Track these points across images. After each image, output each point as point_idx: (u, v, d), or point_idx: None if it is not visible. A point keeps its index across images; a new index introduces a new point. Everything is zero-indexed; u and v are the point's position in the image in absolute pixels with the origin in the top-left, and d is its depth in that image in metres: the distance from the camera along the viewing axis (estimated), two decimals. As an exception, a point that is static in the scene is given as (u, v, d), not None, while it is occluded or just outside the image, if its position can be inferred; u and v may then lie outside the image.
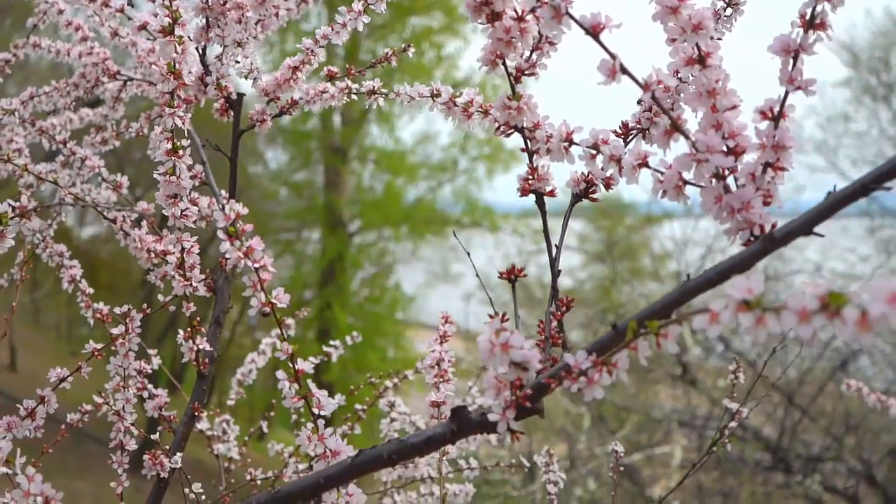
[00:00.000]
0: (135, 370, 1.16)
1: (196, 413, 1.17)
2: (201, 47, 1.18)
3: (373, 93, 1.19)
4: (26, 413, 1.08)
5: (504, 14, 0.76)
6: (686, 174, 0.73)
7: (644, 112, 0.86)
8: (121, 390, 1.15)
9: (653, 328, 0.61)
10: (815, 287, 0.47)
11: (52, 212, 1.41)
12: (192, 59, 1.05)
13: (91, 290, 1.29)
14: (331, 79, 1.24)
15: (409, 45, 1.25)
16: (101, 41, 1.45)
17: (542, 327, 0.83)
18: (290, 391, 0.82)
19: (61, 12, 1.43)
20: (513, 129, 0.85)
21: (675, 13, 0.71)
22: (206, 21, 1.15)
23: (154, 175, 1.02)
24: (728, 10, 0.92)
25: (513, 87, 0.83)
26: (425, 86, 1.05)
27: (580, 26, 0.69)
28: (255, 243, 0.78)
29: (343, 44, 1.17)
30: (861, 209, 8.67)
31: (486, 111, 0.94)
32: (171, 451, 1.15)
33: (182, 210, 1.04)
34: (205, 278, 1.14)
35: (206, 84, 1.18)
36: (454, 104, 0.96)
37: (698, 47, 0.71)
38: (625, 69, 0.70)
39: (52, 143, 1.43)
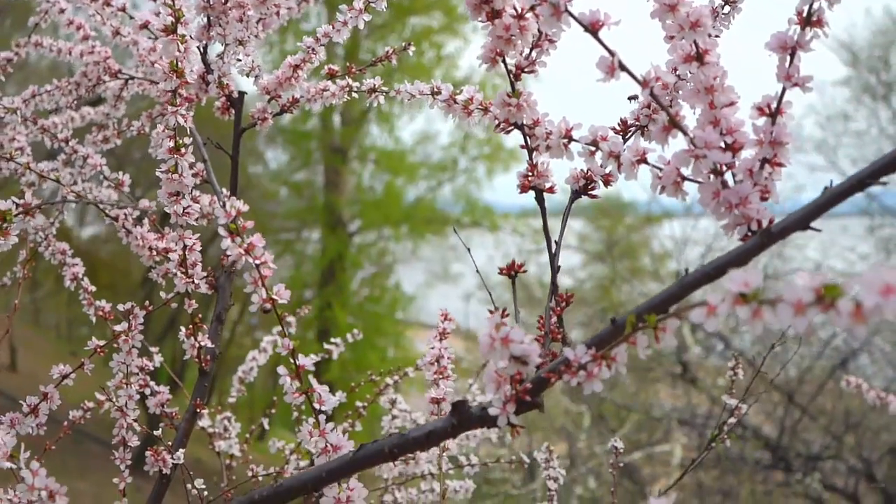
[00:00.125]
0: (137, 367, 1.17)
1: (198, 409, 1.18)
2: (203, 46, 1.18)
3: (373, 91, 1.20)
4: (29, 409, 1.09)
5: (504, 12, 0.76)
6: (684, 170, 0.73)
7: (643, 109, 0.86)
8: (123, 387, 1.16)
9: (651, 322, 0.61)
10: (811, 279, 0.48)
11: (54, 210, 1.42)
12: (194, 57, 1.05)
13: (93, 288, 1.30)
14: (331, 77, 1.24)
15: (410, 44, 1.25)
16: (103, 40, 1.46)
17: (541, 323, 0.84)
18: (291, 387, 0.83)
19: (63, 11, 1.44)
20: (512, 127, 0.86)
21: (673, 10, 0.71)
22: (208, 20, 1.16)
23: (156, 173, 1.03)
24: (726, 8, 0.92)
25: (512, 85, 0.84)
26: (425, 84, 1.05)
27: (579, 24, 0.70)
28: (256, 240, 0.79)
29: (343, 44, 1.18)
30: (861, 208, 8.68)
31: (486, 108, 0.94)
32: (173, 447, 1.15)
33: (184, 208, 1.05)
34: (206, 275, 1.14)
35: (208, 82, 1.18)
36: (454, 102, 0.96)
37: (696, 44, 0.72)
38: (623, 66, 0.70)
39: (54, 142, 1.44)
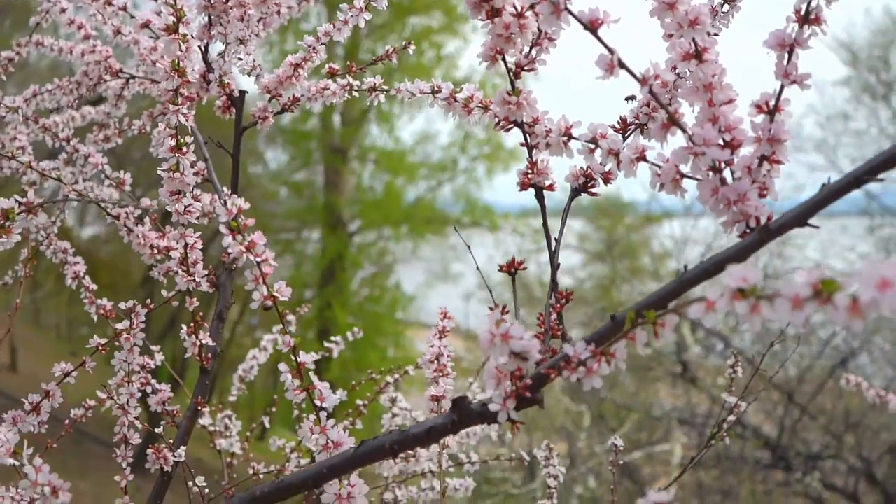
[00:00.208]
0: (138, 365, 1.17)
1: (199, 407, 1.18)
2: (204, 45, 1.19)
3: (374, 89, 1.21)
4: (31, 407, 1.09)
5: (504, 10, 0.77)
6: (683, 167, 0.74)
7: (642, 107, 0.87)
8: (125, 385, 1.16)
9: (650, 318, 0.62)
10: (808, 274, 0.48)
11: (55, 209, 1.43)
12: (195, 56, 1.06)
13: (94, 287, 1.31)
14: (332, 76, 1.25)
15: (410, 43, 1.26)
16: (104, 39, 1.46)
17: (541, 320, 0.84)
18: (292, 384, 0.83)
19: (64, 11, 1.44)
20: (512, 124, 0.86)
21: (672, 9, 0.72)
22: (209, 19, 1.16)
23: (158, 171, 1.03)
24: (725, 7, 0.93)
25: (512, 83, 0.84)
26: (426, 82, 1.06)
27: (579, 22, 0.70)
28: (258, 238, 0.79)
29: (343, 44, 1.18)
30: (861, 208, 8.69)
31: (486, 107, 0.95)
32: (174, 444, 1.16)
33: (185, 206, 1.05)
34: (208, 274, 1.15)
35: (209, 81, 1.19)
36: (454, 100, 0.96)
37: (695, 42, 0.73)
38: (623, 64, 0.71)
39: (56, 141, 1.44)
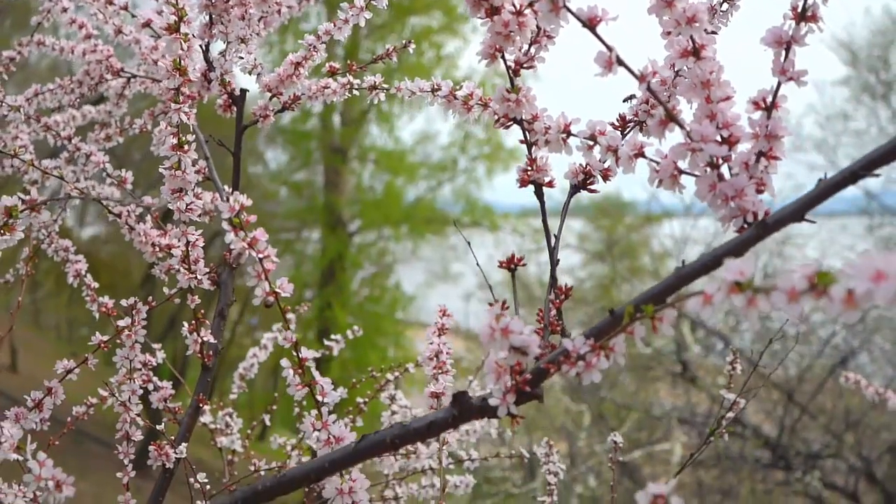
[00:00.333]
0: (140, 363, 1.18)
1: (200, 404, 1.19)
2: (205, 44, 1.19)
3: (374, 88, 1.21)
4: (34, 404, 1.10)
5: (503, 8, 0.77)
6: (681, 163, 0.74)
7: (641, 105, 0.87)
8: (126, 382, 1.16)
9: (648, 312, 0.62)
10: (804, 268, 0.49)
11: (56, 207, 1.43)
12: (196, 55, 1.06)
13: (96, 285, 1.31)
14: (332, 75, 1.25)
15: (410, 41, 1.26)
16: (105, 39, 1.47)
17: (541, 316, 0.85)
18: (294, 379, 0.84)
19: (65, 10, 1.45)
20: (512, 122, 0.87)
21: (670, 6, 0.72)
22: (210, 18, 1.17)
23: (160, 169, 1.04)
24: (724, 6, 0.93)
25: (511, 81, 0.85)
26: (426, 80, 1.07)
27: (577, 19, 0.71)
28: (260, 234, 0.80)
29: (343, 44, 1.19)
30: (860, 207, 8.70)
31: (485, 104, 0.95)
32: (176, 441, 1.16)
33: (187, 204, 1.06)
34: (209, 272, 1.15)
35: (210, 80, 1.19)
36: (454, 97, 0.97)
37: (693, 40, 0.73)
38: (621, 61, 0.71)
39: (58, 139, 1.45)
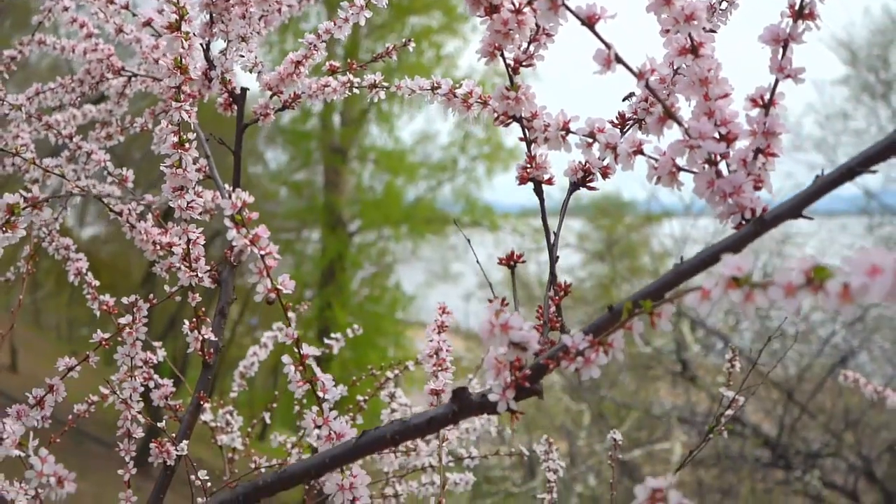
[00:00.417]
0: (141, 360, 1.18)
1: (201, 401, 1.19)
2: (205, 43, 1.20)
3: (374, 86, 1.22)
4: (35, 401, 1.10)
5: (502, 6, 0.78)
6: (680, 160, 0.75)
7: (640, 103, 0.88)
8: (127, 380, 1.17)
9: (647, 308, 0.63)
10: (801, 262, 0.49)
11: (57, 206, 1.43)
12: (197, 54, 1.07)
13: (97, 283, 1.32)
14: (333, 73, 1.26)
15: (410, 40, 1.27)
16: (106, 38, 1.47)
17: (540, 312, 0.85)
18: (295, 375, 0.84)
19: (66, 9, 1.45)
20: (511, 119, 0.87)
21: (668, 4, 0.73)
22: (211, 17, 1.17)
23: (161, 168, 1.04)
24: (723, 4, 0.94)
25: (511, 78, 0.86)
26: (425, 79, 1.07)
27: (576, 17, 0.71)
28: (262, 231, 0.80)
29: (343, 45, 1.20)
30: (860, 207, 8.70)
31: (485, 102, 0.96)
32: (177, 438, 1.17)
33: (188, 202, 1.06)
34: (210, 270, 1.16)
35: (211, 79, 1.20)
36: (454, 95, 0.98)
37: (691, 37, 0.74)
38: (620, 59, 0.72)
39: (59, 138, 1.45)
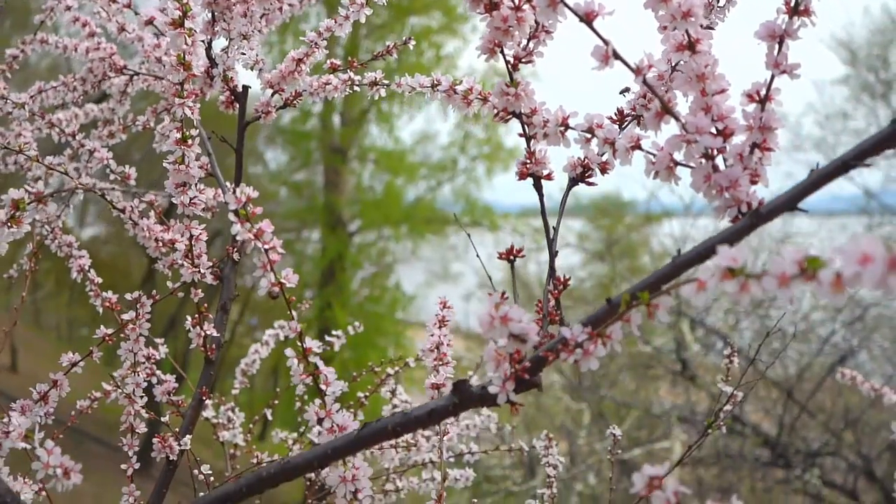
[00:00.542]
0: (144, 356, 1.19)
1: (204, 397, 1.20)
2: (207, 41, 1.21)
3: (375, 84, 1.23)
4: (39, 396, 1.11)
5: (501, 4, 0.79)
6: (677, 155, 0.76)
7: (638, 99, 0.89)
8: (130, 375, 1.18)
9: (644, 299, 0.64)
10: (794, 252, 0.50)
11: (60, 203, 1.44)
12: (199, 52, 1.08)
13: (100, 280, 1.32)
14: (333, 71, 1.27)
15: (410, 38, 1.28)
16: (108, 37, 1.48)
17: (540, 306, 0.86)
18: (298, 368, 0.85)
19: (69, 8, 1.46)
20: (511, 115, 0.88)
21: (665, 1, 0.73)
22: (212, 15, 1.18)
23: (164, 164, 1.05)
24: (721, 1, 0.95)
25: (511, 75, 0.87)
26: (426, 76, 1.08)
27: (574, 14, 0.72)
28: (265, 226, 0.81)
29: (343, 45, 1.21)
30: (860, 207, 8.71)
31: (485, 98, 0.97)
32: (179, 433, 1.18)
33: (191, 198, 1.07)
34: (212, 266, 1.17)
35: (213, 77, 1.21)
36: (454, 92, 0.99)
37: (688, 34, 0.75)
38: (617, 55, 0.73)
39: (62, 136, 1.46)
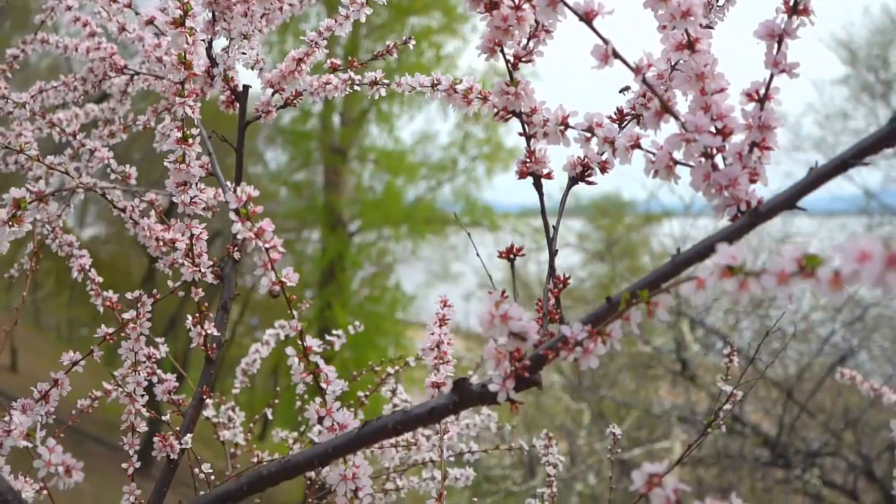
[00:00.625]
0: (144, 356, 1.19)
1: (204, 396, 1.20)
2: (208, 40, 1.21)
3: (375, 83, 1.23)
4: (40, 395, 1.11)
5: (502, 3, 0.79)
6: (676, 154, 0.76)
7: (638, 98, 0.89)
8: (131, 374, 1.18)
9: (644, 297, 0.64)
10: (793, 250, 0.51)
11: (61, 203, 1.45)
12: (200, 51, 1.08)
13: (100, 279, 1.33)
14: (333, 71, 1.27)
15: (410, 38, 1.28)
16: (108, 37, 1.48)
17: (540, 305, 0.86)
18: (298, 367, 0.85)
19: (70, 8, 1.46)
20: (511, 115, 0.88)
21: (665, 1, 0.74)
22: (213, 15, 1.18)
23: (164, 163, 1.06)
24: (720, 0, 0.95)
25: (511, 74, 0.87)
26: (426, 76, 1.08)
27: (574, 13, 0.73)
28: (266, 224, 0.82)
29: (343, 45, 1.21)
30: (860, 207, 8.71)
31: (485, 97, 0.97)
32: (180, 432, 1.18)
33: (191, 197, 1.07)
34: (212, 265, 1.17)
35: (213, 77, 1.21)
36: (454, 91, 0.99)
37: (687, 33, 0.75)
38: (617, 54, 0.73)
39: (62, 136, 1.46)
